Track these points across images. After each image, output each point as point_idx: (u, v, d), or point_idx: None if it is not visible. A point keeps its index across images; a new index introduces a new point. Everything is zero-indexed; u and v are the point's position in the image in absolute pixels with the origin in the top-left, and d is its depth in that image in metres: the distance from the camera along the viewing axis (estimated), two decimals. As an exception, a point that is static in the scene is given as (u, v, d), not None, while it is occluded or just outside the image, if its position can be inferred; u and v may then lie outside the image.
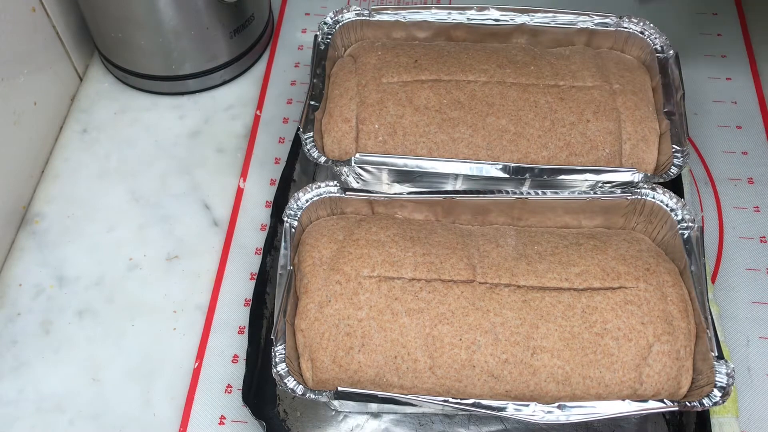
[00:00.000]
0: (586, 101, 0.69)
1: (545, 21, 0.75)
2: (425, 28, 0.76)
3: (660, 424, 0.63)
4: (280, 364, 0.56)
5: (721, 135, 0.81)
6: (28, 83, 0.76)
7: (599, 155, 0.67)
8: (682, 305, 0.59)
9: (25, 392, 0.66)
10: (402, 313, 0.58)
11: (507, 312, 0.58)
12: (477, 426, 0.63)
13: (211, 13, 0.77)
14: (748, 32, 0.90)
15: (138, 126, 0.83)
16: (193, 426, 0.65)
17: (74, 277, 0.73)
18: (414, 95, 0.69)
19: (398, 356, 0.57)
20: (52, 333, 0.69)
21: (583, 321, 0.58)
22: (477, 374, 0.57)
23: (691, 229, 0.62)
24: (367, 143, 0.68)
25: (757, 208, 0.76)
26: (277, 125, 0.83)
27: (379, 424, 0.63)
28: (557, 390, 0.57)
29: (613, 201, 0.65)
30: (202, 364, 0.68)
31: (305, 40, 0.90)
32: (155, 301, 0.71)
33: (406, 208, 0.66)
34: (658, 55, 0.73)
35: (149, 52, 0.80)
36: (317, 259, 0.62)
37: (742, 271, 0.72)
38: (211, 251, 0.74)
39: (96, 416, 0.65)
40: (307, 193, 0.65)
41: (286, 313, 0.59)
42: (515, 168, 0.65)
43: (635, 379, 0.57)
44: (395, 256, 0.61)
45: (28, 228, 0.76)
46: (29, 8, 0.76)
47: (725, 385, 0.54)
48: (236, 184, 0.79)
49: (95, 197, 0.78)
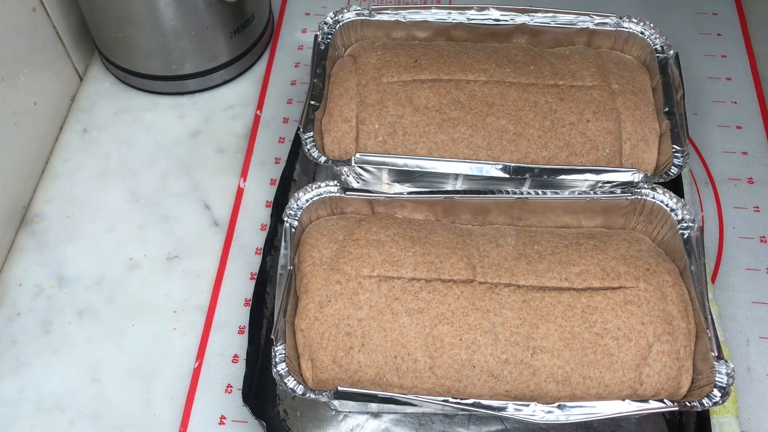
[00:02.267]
0: (586, 101, 0.69)
1: (545, 21, 0.75)
2: (425, 28, 0.76)
3: (660, 424, 0.63)
4: (280, 364, 0.56)
5: (721, 135, 0.81)
6: (28, 83, 0.76)
7: (599, 155, 0.67)
8: (682, 305, 0.59)
9: (25, 392, 0.66)
10: (402, 313, 0.58)
11: (507, 312, 0.58)
12: (477, 426, 0.63)
13: (211, 13, 0.77)
14: (748, 32, 0.90)
15: (138, 126, 0.83)
16: (193, 426, 0.65)
17: (74, 277, 0.73)
18: (414, 95, 0.69)
19: (398, 356, 0.57)
20: (52, 333, 0.69)
21: (583, 321, 0.58)
22: (477, 374, 0.57)
23: (691, 229, 0.62)
24: (367, 143, 0.68)
25: (757, 208, 0.76)
26: (277, 125, 0.83)
27: (379, 424, 0.63)
28: (557, 390, 0.57)
29: (613, 201, 0.65)
30: (202, 364, 0.68)
31: (305, 40, 0.90)
32: (155, 301, 0.71)
33: (406, 208, 0.66)
34: (658, 55, 0.73)
35: (149, 52, 0.80)
36: (317, 259, 0.61)
37: (742, 271, 0.72)
38: (211, 251, 0.74)
39: (96, 416, 0.65)
40: (307, 193, 0.65)
41: (286, 313, 0.59)
42: (515, 168, 0.65)
43: (635, 379, 0.57)
44: (395, 256, 0.61)
45: (28, 228, 0.76)
46: (29, 8, 0.76)
47: (725, 385, 0.54)
48: (236, 184, 0.79)
49: (95, 197, 0.78)
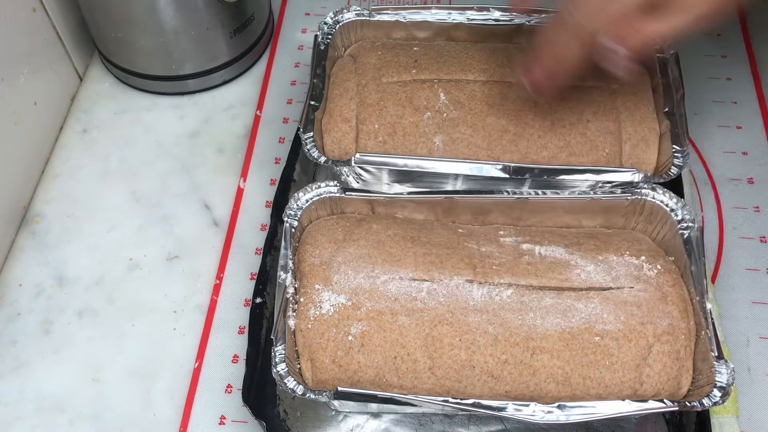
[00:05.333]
0: (586, 101, 0.69)
1: (545, 21, 0.75)
2: (425, 28, 0.76)
3: (660, 424, 0.63)
4: (280, 364, 0.56)
5: (721, 135, 0.81)
6: (28, 83, 0.76)
7: (599, 155, 0.67)
8: (682, 305, 0.59)
9: (25, 392, 0.66)
10: (401, 314, 0.58)
11: (507, 312, 0.58)
12: (477, 426, 0.63)
13: (211, 13, 0.77)
14: (748, 32, 0.90)
15: (138, 126, 0.83)
16: (193, 426, 0.65)
17: (74, 277, 0.73)
18: (414, 95, 0.69)
19: (398, 356, 0.57)
20: (52, 333, 0.69)
21: (583, 321, 0.58)
22: (477, 375, 0.57)
23: (691, 229, 0.62)
24: (367, 143, 0.68)
25: (757, 208, 0.76)
26: (277, 125, 0.83)
27: (379, 424, 0.63)
28: (557, 390, 0.57)
29: (613, 201, 0.65)
30: (202, 364, 0.68)
31: (305, 40, 0.90)
32: (155, 301, 0.71)
33: (406, 208, 0.66)
34: (658, 55, 0.73)
35: (149, 52, 0.80)
36: (317, 259, 0.61)
37: (742, 271, 0.72)
38: (211, 251, 0.74)
39: (96, 416, 0.65)
40: (307, 193, 0.65)
41: (286, 313, 0.59)
42: (515, 168, 0.65)
43: (635, 380, 0.57)
44: (395, 256, 0.61)
45: (28, 228, 0.76)
46: (29, 8, 0.76)
47: (725, 385, 0.54)
48: (236, 184, 0.79)
49: (95, 197, 0.78)
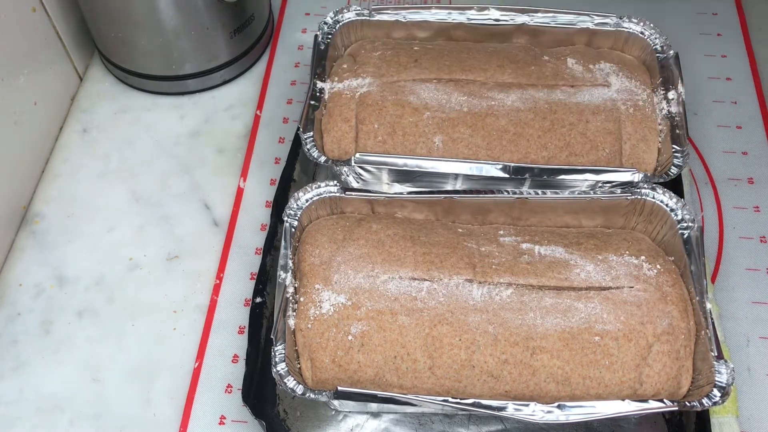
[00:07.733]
0: (586, 101, 0.69)
1: (545, 21, 0.75)
2: (425, 28, 0.76)
3: (660, 424, 0.63)
4: (280, 363, 0.56)
5: (721, 135, 0.81)
6: (28, 83, 0.76)
7: (599, 155, 0.67)
8: (682, 305, 0.59)
9: (25, 392, 0.66)
10: (401, 313, 0.58)
11: (506, 312, 0.58)
12: (477, 426, 0.63)
13: (211, 13, 0.77)
14: (748, 32, 0.90)
15: (138, 126, 0.83)
16: (193, 426, 0.65)
17: (74, 277, 0.73)
18: (414, 95, 0.69)
19: (398, 356, 0.57)
20: (52, 333, 0.69)
21: (582, 321, 0.58)
22: (476, 374, 0.57)
23: (691, 229, 0.62)
24: (367, 143, 0.68)
25: (757, 208, 0.76)
26: (277, 125, 0.83)
27: (379, 423, 0.63)
28: (557, 390, 0.57)
29: (613, 201, 0.65)
30: (202, 364, 0.68)
31: (305, 40, 0.90)
32: (155, 301, 0.71)
33: (406, 207, 0.66)
34: (658, 55, 0.73)
35: (149, 52, 0.80)
36: (317, 259, 0.61)
37: (742, 271, 0.72)
38: (211, 251, 0.74)
39: (96, 416, 0.65)
40: (307, 193, 0.65)
41: (286, 313, 0.59)
42: (515, 168, 0.65)
43: (635, 379, 0.57)
44: (395, 256, 0.61)
45: (28, 228, 0.76)
46: (29, 8, 0.76)
47: (725, 385, 0.54)
48: (236, 184, 0.79)
49: (95, 197, 0.78)
